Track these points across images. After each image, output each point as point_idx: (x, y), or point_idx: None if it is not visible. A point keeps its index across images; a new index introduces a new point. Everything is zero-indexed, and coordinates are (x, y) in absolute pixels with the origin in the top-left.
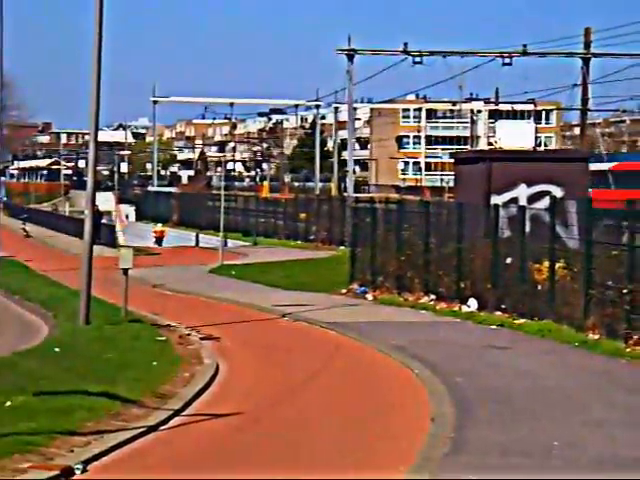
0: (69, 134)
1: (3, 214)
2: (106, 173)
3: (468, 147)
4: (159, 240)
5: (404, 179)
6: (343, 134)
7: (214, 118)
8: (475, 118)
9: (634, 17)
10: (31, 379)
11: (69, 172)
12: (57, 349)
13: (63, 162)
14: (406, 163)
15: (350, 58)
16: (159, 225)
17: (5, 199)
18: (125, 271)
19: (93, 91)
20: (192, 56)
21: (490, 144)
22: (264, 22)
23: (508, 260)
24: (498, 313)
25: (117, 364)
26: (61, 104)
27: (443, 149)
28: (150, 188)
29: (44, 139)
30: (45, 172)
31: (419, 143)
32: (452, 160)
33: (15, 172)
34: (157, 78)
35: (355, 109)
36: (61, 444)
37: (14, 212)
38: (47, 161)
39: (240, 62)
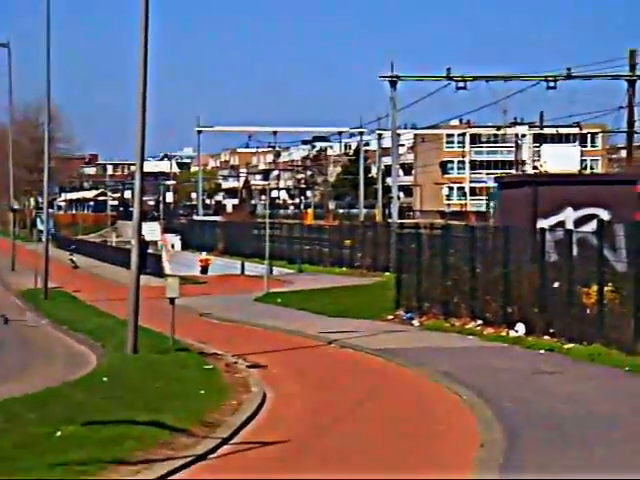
0: (115, 165)
1: (52, 246)
2: (152, 203)
3: (513, 171)
4: (205, 269)
5: (449, 204)
6: (387, 160)
7: (258, 147)
8: (519, 142)
9: None
10: (80, 409)
11: (115, 203)
12: (105, 379)
13: (109, 193)
14: (450, 188)
15: (393, 84)
16: (204, 254)
17: (53, 231)
18: (172, 300)
19: (139, 122)
20: (236, 86)
21: (535, 168)
22: (307, 50)
23: (556, 284)
24: (546, 337)
25: (165, 393)
26: (107, 136)
27: (488, 174)
28: (195, 217)
29: (91, 171)
30: (92, 203)
31: (463, 168)
32: (495, 184)
33: (62, 204)
34: (201, 108)
35: (399, 135)
36: (110, 473)
37: (62, 243)
38: (94, 192)
39: (284, 91)
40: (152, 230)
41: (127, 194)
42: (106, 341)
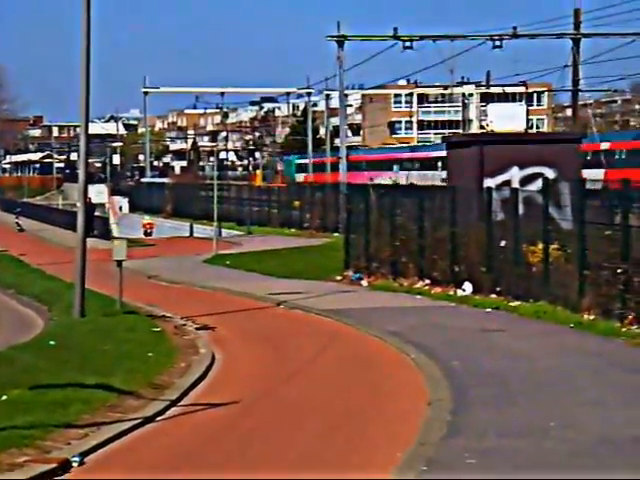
0: (61, 127)
1: None
2: (99, 165)
3: (460, 131)
4: (147, 232)
5: None
6: (335, 121)
7: (205, 108)
8: (466, 102)
9: None
10: (27, 373)
11: (61, 165)
12: (52, 342)
13: (55, 155)
14: None
15: (340, 44)
16: (147, 217)
17: None
18: (119, 263)
19: (83, 84)
20: (182, 46)
21: (482, 127)
22: (253, 10)
23: (502, 243)
24: (493, 296)
25: (113, 356)
26: (52, 97)
27: (435, 133)
28: (143, 179)
29: (36, 133)
30: (37, 166)
31: (411, 128)
32: (444, 144)
33: (7, 166)
34: (148, 69)
35: (346, 96)
36: (58, 437)
37: (7, 206)
38: (39, 155)
39: (230, 51)
40: (99, 192)
41: (73, 156)
42: (53, 305)
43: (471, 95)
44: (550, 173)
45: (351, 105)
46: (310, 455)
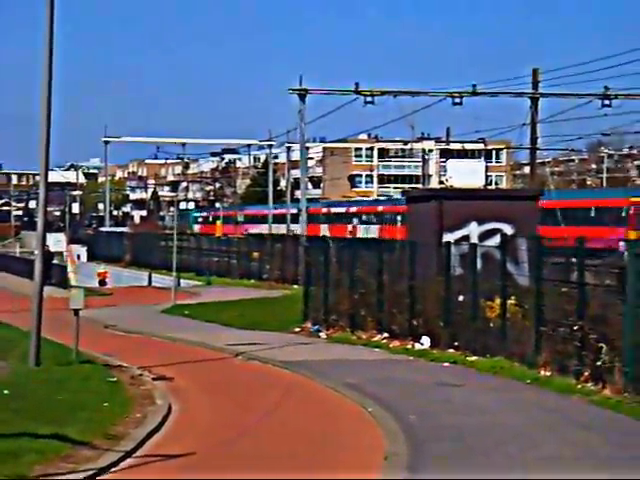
0: (20, 175)
1: None
2: (58, 214)
3: (420, 186)
4: (102, 282)
5: None
6: (296, 173)
7: (167, 158)
8: (427, 157)
9: (580, 58)
10: None
11: (20, 213)
12: (6, 391)
13: (14, 203)
14: None
15: (302, 98)
16: (102, 267)
17: None
18: (76, 312)
19: (43, 132)
20: (143, 97)
21: (442, 182)
22: (216, 62)
23: (460, 297)
24: (451, 350)
25: (68, 406)
26: (11, 145)
27: (395, 187)
28: (102, 228)
29: None
30: None
31: (371, 182)
32: (404, 198)
33: None
34: (108, 119)
35: (308, 148)
36: None
37: None
38: None
39: (192, 103)
40: (57, 241)
41: (32, 204)
42: (7, 353)
43: (431, 151)
44: (508, 229)
45: (312, 158)
46: None
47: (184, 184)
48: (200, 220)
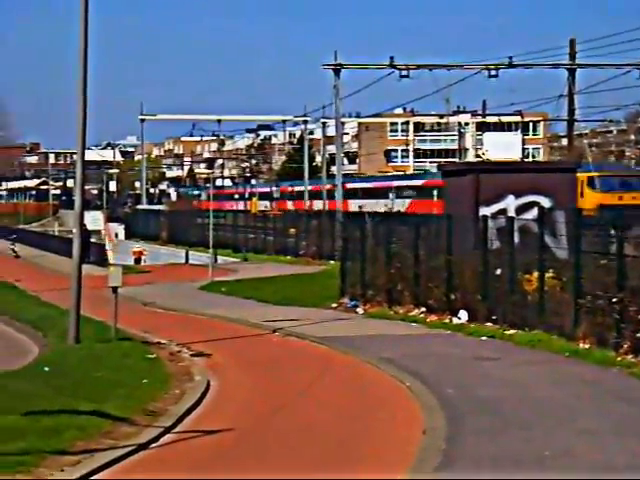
0: (57, 154)
1: None
2: (95, 192)
3: (456, 160)
4: (138, 260)
5: None
6: (331, 149)
7: (202, 135)
8: (462, 131)
9: (618, 28)
10: (21, 399)
11: (58, 192)
12: (47, 368)
13: (52, 182)
14: None
15: (337, 73)
16: (137, 246)
17: None
18: (114, 289)
19: (79, 110)
20: (179, 74)
21: (478, 156)
22: (251, 39)
23: (498, 271)
24: (489, 324)
25: (107, 382)
26: (49, 124)
27: (431, 162)
28: (139, 206)
29: (32, 159)
30: (34, 192)
31: (407, 157)
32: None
33: (3, 193)
34: (145, 96)
35: (343, 124)
36: (51, 463)
37: (3, 233)
38: (36, 181)
39: (227, 79)
40: (95, 219)
41: (70, 183)
42: (48, 331)
43: (467, 124)
44: (546, 202)
45: (347, 133)
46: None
47: (220, 161)
48: (201, 198)
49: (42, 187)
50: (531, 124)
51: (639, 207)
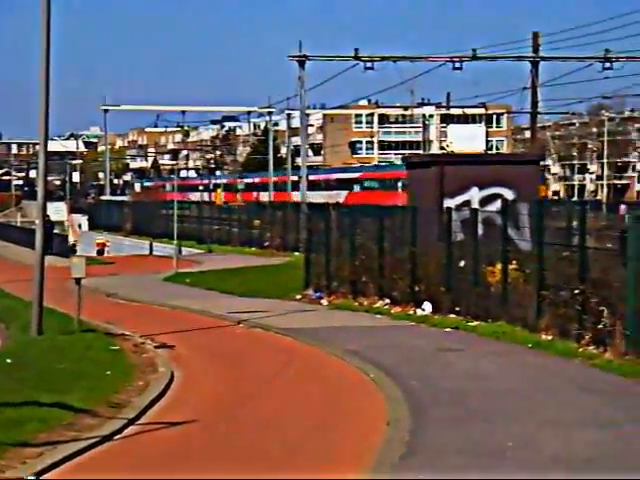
0: (20, 144)
1: None
2: (58, 183)
3: (420, 152)
4: (101, 252)
5: None
6: (296, 140)
7: (166, 126)
8: (427, 123)
9: (581, 21)
10: None
11: (20, 182)
12: (9, 360)
13: (14, 172)
14: None
15: (301, 64)
16: (101, 237)
17: None
18: (78, 281)
19: (42, 100)
20: (143, 65)
21: (442, 148)
22: (215, 29)
23: (461, 263)
24: (452, 316)
25: (70, 374)
26: (11, 114)
27: (396, 154)
28: (103, 197)
29: None
30: None
31: (372, 148)
32: (404, 164)
33: None
34: (108, 87)
35: (308, 115)
36: (13, 456)
37: None
38: None
39: (191, 70)
40: (58, 210)
41: (32, 174)
42: (10, 323)
43: (431, 116)
44: (509, 194)
45: (312, 125)
46: (266, 473)
47: (184, 152)
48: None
49: (4, 178)
50: (495, 116)
51: None
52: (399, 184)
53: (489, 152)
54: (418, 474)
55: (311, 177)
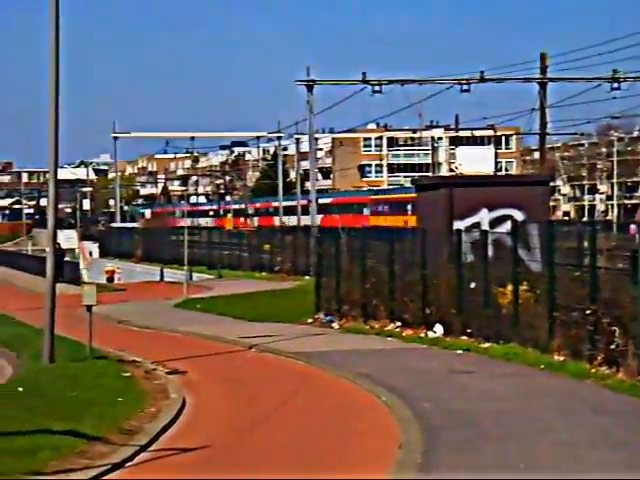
0: (30, 173)
1: None
2: (69, 211)
3: (430, 174)
4: (111, 279)
5: None
6: (305, 165)
7: (176, 153)
8: (436, 145)
9: (588, 42)
10: None
11: (31, 211)
12: (21, 389)
13: (25, 201)
14: None
15: (310, 89)
16: (110, 265)
17: None
18: (89, 308)
19: (51, 129)
20: (151, 92)
21: (451, 170)
22: (222, 55)
23: (472, 285)
24: (464, 338)
25: (82, 402)
26: (22, 143)
27: (405, 176)
28: (113, 224)
29: (5, 178)
30: (7, 212)
31: (381, 171)
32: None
33: None
34: (117, 115)
35: (316, 139)
36: None
37: None
38: (9, 200)
39: (200, 96)
40: (69, 238)
41: (43, 202)
42: (22, 351)
43: (440, 139)
44: (519, 215)
45: (321, 149)
46: None
47: (194, 178)
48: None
49: (15, 206)
50: (504, 138)
51: None
52: (364, 209)
53: (498, 174)
54: None
55: (289, 203)
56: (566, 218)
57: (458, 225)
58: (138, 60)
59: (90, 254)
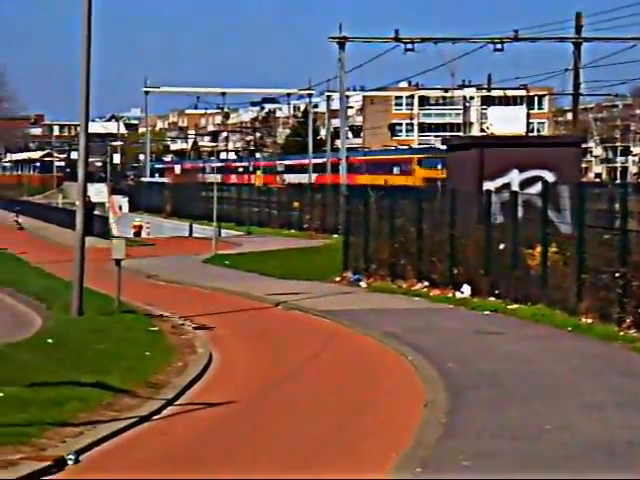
0: (62, 126)
1: None
2: (99, 164)
3: (461, 134)
4: (138, 234)
5: None
6: (336, 122)
7: (206, 108)
8: (467, 104)
9: (624, 1)
10: (23, 370)
11: (62, 164)
12: (50, 340)
13: (56, 154)
14: None
15: (342, 46)
16: (137, 219)
17: None
18: (118, 262)
19: (83, 82)
20: (184, 47)
21: (482, 130)
22: (255, 11)
23: (501, 246)
24: (491, 299)
25: (110, 355)
26: (53, 96)
27: (436, 136)
28: (143, 179)
29: (36, 131)
30: (38, 164)
31: (412, 130)
32: (444, 147)
33: (7, 164)
34: (149, 69)
35: (347, 97)
36: (53, 435)
37: (6, 205)
38: (40, 153)
39: (232, 52)
40: (99, 192)
41: (74, 155)
42: (51, 303)
43: (472, 98)
44: (550, 176)
45: (352, 107)
46: (306, 454)
47: (224, 134)
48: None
49: (46, 159)
50: (536, 98)
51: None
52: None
53: (530, 134)
54: (455, 458)
55: (290, 162)
56: (598, 180)
57: (488, 186)
58: (172, 15)
59: (120, 208)
